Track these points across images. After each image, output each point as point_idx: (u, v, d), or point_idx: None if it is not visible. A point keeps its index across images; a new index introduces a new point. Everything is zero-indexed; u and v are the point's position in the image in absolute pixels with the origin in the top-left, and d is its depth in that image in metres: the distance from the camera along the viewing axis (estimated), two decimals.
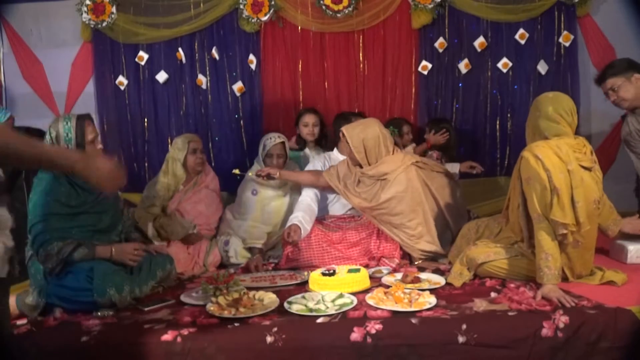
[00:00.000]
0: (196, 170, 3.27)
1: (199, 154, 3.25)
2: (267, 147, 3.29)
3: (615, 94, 2.85)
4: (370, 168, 2.96)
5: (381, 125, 3.02)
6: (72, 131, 2.34)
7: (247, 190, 3.35)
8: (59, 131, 2.35)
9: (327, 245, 2.95)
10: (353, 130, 2.95)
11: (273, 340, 1.91)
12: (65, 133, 2.34)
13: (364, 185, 2.98)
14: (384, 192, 2.91)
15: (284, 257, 2.96)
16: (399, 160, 2.97)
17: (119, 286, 2.24)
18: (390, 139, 3.03)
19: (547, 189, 2.19)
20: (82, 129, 2.36)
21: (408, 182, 2.91)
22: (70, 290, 2.23)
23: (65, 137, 2.34)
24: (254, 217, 3.27)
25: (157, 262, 2.56)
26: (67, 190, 2.33)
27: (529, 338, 1.90)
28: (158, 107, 4.02)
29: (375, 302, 2.13)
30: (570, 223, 2.19)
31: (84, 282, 2.23)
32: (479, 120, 3.93)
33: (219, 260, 3.13)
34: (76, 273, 2.26)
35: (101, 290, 2.20)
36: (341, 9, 3.78)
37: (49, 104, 4.02)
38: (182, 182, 3.25)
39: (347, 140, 2.94)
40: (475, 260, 2.42)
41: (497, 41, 3.86)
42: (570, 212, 2.20)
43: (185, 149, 3.22)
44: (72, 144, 2.34)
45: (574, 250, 2.29)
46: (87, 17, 3.86)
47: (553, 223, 2.20)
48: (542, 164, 2.20)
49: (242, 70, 3.96)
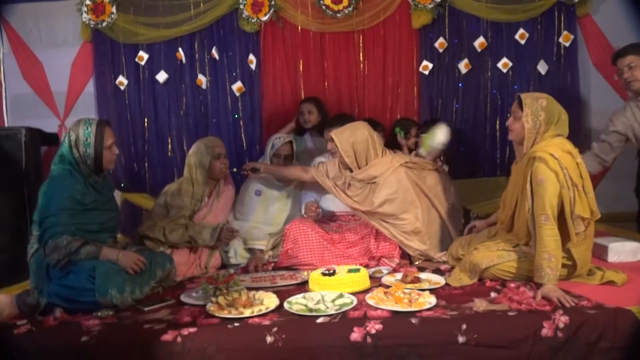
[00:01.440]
0: (221, 176, 3.18)
1: (223, 159, 3.13)
2: (275, 146, 3.28)
3: (630, 72, 2.84)
4: (359, 172, 2.97)
5: (370, 128, 3.02)
6: (91, 136, 2.43)
7: (250, 191, 3.34)
8: (78, 135, 2.44)
9: (327, 244, 2.96)
10: (342, 135, 2.95)
11: (273, 340, 1.91)
12: (84, 137, 2.43)
13: (354, 188, 2.99)
14: (375, 196, 2.91)
15: (282, 254, 2.96)
16: (388, 163, 2.98)
17: (120, 286, 2.24)
18: (379, 142, 3.03)
19: (565, 187, 2.22)
20: (102, 134, 2.45)
21: (398, 184, 2.92)
22: (72, 290, 2.24)
23: (84, 142, 2.43)
24: (255, 218, 3.26)
25: (157, 261, 2.57)
26: (83, 188, 2.41)
27: (529, 338, 1.90)
28: (158, 107, 4.02)
29: (375, 302, 2.13)
30: (588, 216, 2.27)
31: (85, 282, 2.23)
32: (479, 120, 3.92)
33: (219, 262, 3.12)
34: (78, 273, 2.27)
35: (103, 290, 2.21)
36: (341, 9, 3.78)
37: (49, 104, 4.02)
38: (207, 193, 3.14)
39: (336, 144, 2.94)
40: (479, 265, 2.41)
41: (497, 41, 3.86)
42: (586, 205, 2.28)
43: (210, 154, 3.08)
44: (90, 148, 2.42)
45: (583, 245, 2.34)
46: (87, 17, 3.85)
47: (575, 221, 2.25)
48: (559, 162, 2.24)
49: (242, 70, 3.96)
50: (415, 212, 2.92)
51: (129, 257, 2.39)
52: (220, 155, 3.14)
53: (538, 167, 2.26)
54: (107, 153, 2.47)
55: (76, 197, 2.37)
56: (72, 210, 2.35)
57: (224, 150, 3.18)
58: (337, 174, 3.04)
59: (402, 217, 2.90)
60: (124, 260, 2.36)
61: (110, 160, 2.51)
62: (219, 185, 3.22)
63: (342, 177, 3.02)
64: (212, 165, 3.10)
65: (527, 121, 2.36)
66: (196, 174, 3.10)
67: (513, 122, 2.46)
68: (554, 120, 2.37)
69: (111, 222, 2.56)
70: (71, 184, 2.38)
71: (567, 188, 2.23)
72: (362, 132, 2.96)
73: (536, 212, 2.26)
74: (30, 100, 4.02)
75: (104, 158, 2.46)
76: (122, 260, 2.36)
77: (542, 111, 2.36)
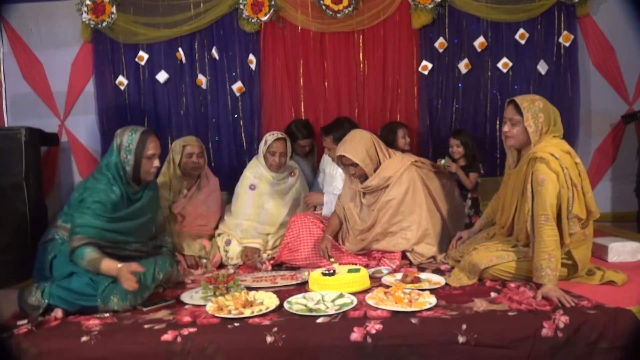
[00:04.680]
0: (191, 174, 3.20)
1: (194, 159, 3.16)
2: (268, 142, 3.26)
3: None
4: (372, 178, 2.92)
5: (369, 132, 3.01)
6: (133, 143, 2.45)
7: (244, 186, 3.33)
8: (122, 140, 2.47)
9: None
10: (354, 148, 2.87)
11: (273, 340, 1.91)
12: (127, 143, 2.46)
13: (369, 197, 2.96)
14: (386, 195, 2.90)
15: (283, 246, 2.96)
16: (399, 162, 2.96)
17: (122, 295, 2.24)
18: (381, 141, 3.02)
19: (565, 187, 2.23)
20: (144, 142, 2.47)
21: (410, 182, 2.91)
22: (73, 293, 2.23)
23: (126, 147, 2.46)
24: (250, 217, 3.26)
25: (159, 264, 2.55)
26: (116, 198, 2.42)
27: (529, 338, 1.90)
28: (158, 107, 4.01)
29: (375, 302, 2.13)
30: (584, 217, 2.28)
31: (86, 287, 2.23)
32: (479, 120, 3.92)
33: (219, 260, 3.13)
34: (79, 275, 2.26)
35: (105, 298, 2.21)
36: (341, 9, 3.78)
37: (49, 104, 4.01)
38: (186, 186, 3.20)
39: (351, 159, 2.85)
40: (478, 265, 2.41)
41: (497, 41, 3.86)
42: (584, 205, 2.29)
43: (180, 153, 3.17)
44: (131, 154, 2.44)
45: (583, 245, 2.34)
46: (87, 17, 3.85)
47: (571, 221, 2.25)
48: (560, 162, 2.24)
49: (242, 70, 3.96)
50: (420, 213, 2.91)
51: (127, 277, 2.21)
52: (192, 155, 3.16)
53: (539, 168, 2.26)
54: (146, 163, 2.47)
55: (107, 206, 2.38)
56: (100, 216, 2.35)
57: (197, 149, 3.19)
58: (352, 193, 3.03)
59: (408, 220, 2.88)
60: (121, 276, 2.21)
61: (148, 172, 2.50)
62: (201, 180, 3.26)
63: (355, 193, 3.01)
64: (182, 163, 3.17)
65: (530, 125, 2.36)
66: (172, 169, 3.18)
67: (511, 128, 2.43)
68: (551, 119, 2.37)
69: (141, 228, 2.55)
70: (105, 192, 2.39)
71: (566, 188, 2.24)
72: (366, 137, 2.94)
73: (536, 212, 2.25)
74: (30, 100, 4.01)
75: (142, 167, 2.47)
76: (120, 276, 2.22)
77: (540, 112, 2.36)
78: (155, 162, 2.51)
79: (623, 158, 3.89)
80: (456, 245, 2.84)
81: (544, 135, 2.36)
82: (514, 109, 2.41)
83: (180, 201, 3.16)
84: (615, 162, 3.91)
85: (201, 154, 3.20)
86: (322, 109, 3.95)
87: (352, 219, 2.99)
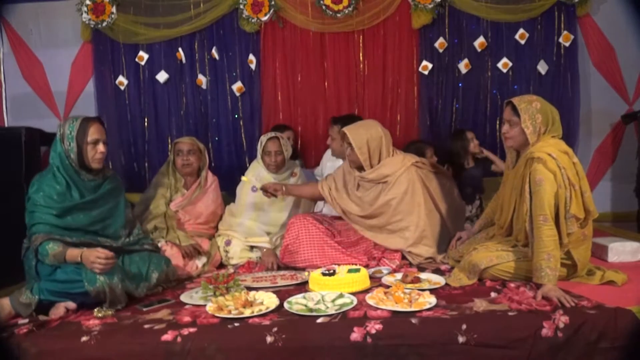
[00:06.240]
0: (183, 172, 3.21)
1: (183, 156, 3.16)
2: (263, 143, 3.27)
3: None
4: (371, 171, 2.93)
5: (382, 126, 3.01)
6: (74, 130, 2.44)
7: (247, 188, 3.33)
8: (64, 129, 2.46)
9: (329, 240, 2.94)
10: (357, 131, 2.91)
11: (273, 340, 1.91)
12: (69, 131, 2.45)
13: (363, 189, 2.97)
14: (385, 194, 2.90)
15: (283, 248, 2.97)
16: (400, 162, 2.96)
17: (108, 274, 2.22)
18: (390, 140, 3.02)
19: (562, 187, 2.23)
20: (85, 129, 2.44)
21: (409, 183, 2.91)
22: (61, 283, 2.23)
23: (68, 135, 2.45)
24: (252, 217, 3.26)
25: (153, 263, 2.55)
26: (62, 189, 2.42)
27: (529, 338, 1.90)
28: (158, 107, 4.02)
29: (375, 302, 2.13)
30: (582, 216, 2.28)
31: (72, 274, 2.22)
32: (479, 120, 3.93)
33: (219, 260, 3.13)
34: (64, 266, 2.26)
35: (91, 278, 2.19)
36: (341, 9, 3.78)
37: (49, 104, 4.02)
38: (184, 185, 3.22)
39: (350, 141, 2.90)
40: (478, 265, 2.41)
41: (497, 41, 3.86)
42: (581, 204, 2.29)
43: (172, 152, 3.23)
44: (73, 142, 2.43)
45: (583, 245, 2.34)
46: (87, 17, 3.86)
47: (569, 221, 2.25)
48: (557, 162, 2.24)
49: (241, 70, 3.96)
50: (419, 214, 2.91)
51: (88, 256, 2.21)
52: (181, 152, 3.18)
53: (537, 168, 2.26)
54: (90, 149, 2.44)
55: (53, 197, 2.38)
56: (49, 209, 2.36)
57: (186, 147, 3.19)
58: (347, 178, 3.03)
59: (408, 221, 2.89)
60: (85, 260, 2.21)
61: (93, 158, 2.46)
62: (201, 179, 3.26)
63: (351, 179, 3.00)
64: (175, 161, 3.21)
65: (527, 126, 2.36)
66: (170, 168, 3.23)
67: (510, 129, 2.43)
68: (549, 119, 2.37)
69: (100, 223, 2.50)
70: (49, 184, 2.40)
71: (564, 188, 2.24)
72: (376, 129, 2.94)
73: (534, 212, 2.25)
74: (30, 100, 4.02)
75: (87, 153, 2.44)
76: (84, 260, 2.21)
77: (538, 113, 2.36)
78: (99, 147, 2.46)
79: (623, 158, 3.89)
80: (456, 245, 2.84)
81: (542, 135, 2.36)
82: (512, 110, 2.42)
83: (178, 200, 3.17)
84: (615, 162, 3.92)
85: (192, 152, 3.20)
86: (322, 109, 3.96)
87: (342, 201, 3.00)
